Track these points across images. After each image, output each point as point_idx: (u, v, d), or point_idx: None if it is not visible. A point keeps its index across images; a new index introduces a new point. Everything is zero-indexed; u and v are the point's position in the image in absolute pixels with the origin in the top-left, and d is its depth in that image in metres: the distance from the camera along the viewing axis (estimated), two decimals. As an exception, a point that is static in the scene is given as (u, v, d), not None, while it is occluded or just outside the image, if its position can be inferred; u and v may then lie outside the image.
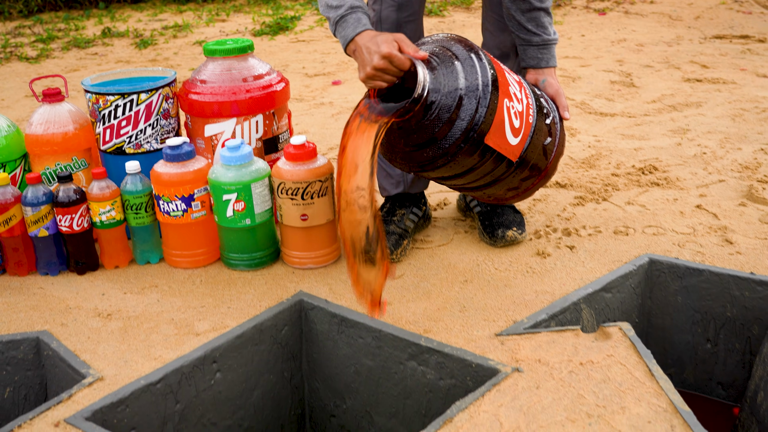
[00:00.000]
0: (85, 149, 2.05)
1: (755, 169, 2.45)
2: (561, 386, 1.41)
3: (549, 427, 1.31)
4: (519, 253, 1.96)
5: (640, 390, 1.39)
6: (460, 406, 1.37)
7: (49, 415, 1.41)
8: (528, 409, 1.36)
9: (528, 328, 1.62)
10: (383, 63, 1.54)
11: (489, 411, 1.36)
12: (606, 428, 1.30)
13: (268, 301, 1.78)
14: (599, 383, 1.41)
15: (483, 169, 1.62)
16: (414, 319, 1.68)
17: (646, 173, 2.44)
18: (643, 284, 1.87)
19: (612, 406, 1.35)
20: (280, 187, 1.86)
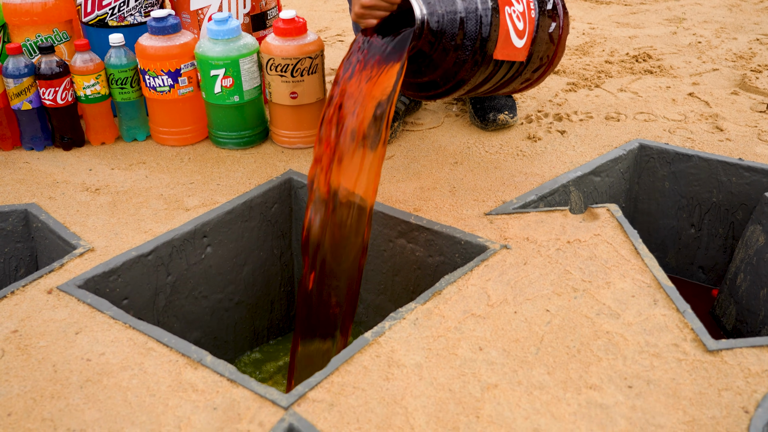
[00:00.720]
0: (66, 21, 1.99)
1: (749, 58, 2.43)
2: (548, 263, 1.44)
3: (535, 299, 1.34)
4: (510, 137, 1.95)
5: (625, 267, 1.42)
6: (449, 280, 1.39)
7: (42, 283, 1.42)
8: (515, 283, 1.38)
9: (517, 208, 1.64)
10: (371, 0, 1.46)
11: (477, 284, 1.39)
12: (590, 301, 1.33)
13: (257, 179, 1.78)
14: (585, 260, 1.44)
15: (494, 78, 1.60)
16: (404, 198, 1.69)
17: (639, 61, 2.41)
18: (631, 169, 1.88)
19: (597, 281, 1.38)
20: (270, 63, 1.82)
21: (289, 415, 1.11)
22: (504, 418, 1.11)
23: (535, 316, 1.30)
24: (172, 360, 1.22)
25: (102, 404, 1.15)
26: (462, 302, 1.34)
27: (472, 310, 1.32)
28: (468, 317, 1.30)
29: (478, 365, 1.20)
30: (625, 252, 1.46)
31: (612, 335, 1.26)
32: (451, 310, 1.32)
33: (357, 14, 1.51)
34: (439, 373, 1.19)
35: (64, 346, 1.26)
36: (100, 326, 1.31)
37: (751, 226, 1.68)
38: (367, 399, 1.14)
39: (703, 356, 1.21)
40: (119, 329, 1.30)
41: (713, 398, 1.14)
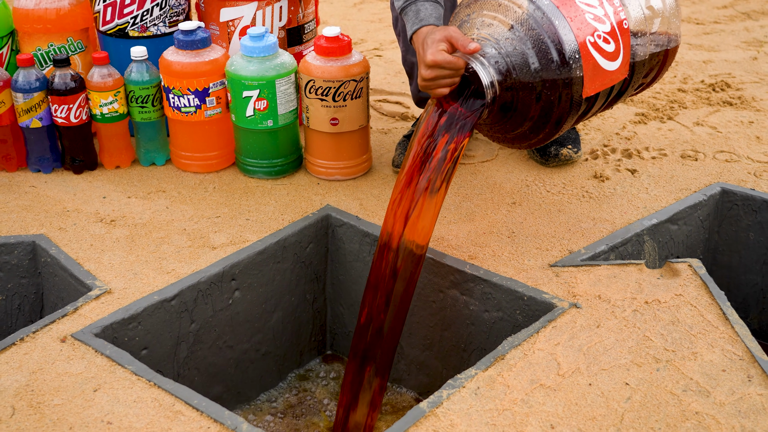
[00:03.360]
0: (82, 29, 2.00)
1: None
2: (624, 326, 1.42)
3: (612, 370, 1.32)
4: (573, 175, 1.94)
5: (713, 335, 1.40)
6: (513, 342, 1.38)
7: (54, 329, 1.42)
8: (588, 349, 1.37)
9: (585, 259, 1.62)
10: (431, 72, 1.45)
11: (545, 349, 1.37)
12: (676, 374, 1.31)
13: (290, 214, 1.77)
14: (667, 325, 1.42)
15: (595, 107, 1.58)
16: (457, 243, 1.68)
17: (717, 90, 2.40)
18: (711, 217, 1.86)
19: (682, 350, 1.36)
20: (309, 86, 1.83)
21: (338, 498, 1.10)
22: None
23: (613, 390, 1.29)
24: (203, 427, 1.22)
25: (126, 476, 1.14)
26: (529, 370, 1.32)
27: (540, 380, 1.30)
28: (536, 388, 1.29)
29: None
30: (712, 317, 1.44)
31: (702, 416, 1.24)
32: (517, 378, 1.31)
33: (422, 87, 1.50)
34: (506, 454, 1.18)
35: (81, 405, 1.26)
36: (121, 383, 1.30)
37: None
38: (426, 482, 1.13)
39: (807, 445, 1.19)
40: (142, 387, 1.29)
41: (820, 496, 1.12)
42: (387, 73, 2.56)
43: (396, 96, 2.38)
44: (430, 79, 1.46)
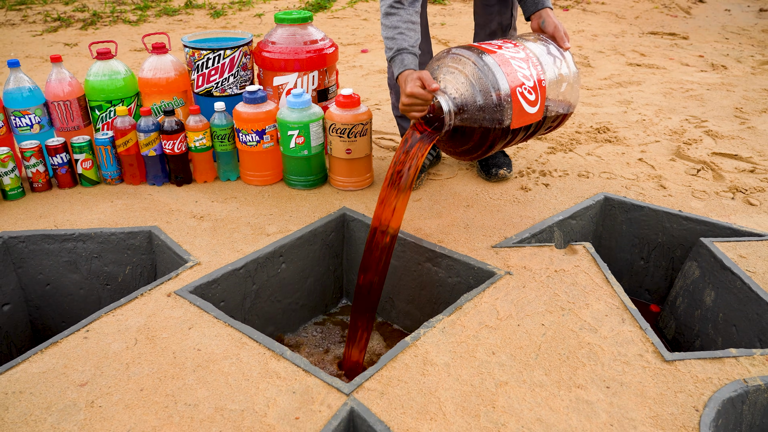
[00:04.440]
0: (183, 91, 1.97)
1: (681, 133, 2.39)
2: (541, 287, 1.40)
3: (533, 315, 1.30)
4: (507, 187, 1.92)
5: (599, 292, 1.38)
6: (468, 297, 1.35)
7: (163, 288, 1.39)
8: (517, 302, 1.35)
9: (515, 243, 1.60)
10: (409, 100, 1.43)
11: (489, 302, 1.35)
12: (575, 318, 1.29)
13: (319, 213, 1.75)
14: (569, 286, 1.40)
15: (518, 137, 1.55)
16: (430, 232, 1.66)
17: (601, 132, 2.38)
18: (598, 215, 1.84)
19: (579, 302, 1.34)
20: (331, 127, 1.80)
21: (351, 400, 1.08)
22: (514, 409, 1.07)
23: (534, 328, 1.26)
24: (261, 352, 1.19)
25: (210, 385, 1.11)
26: (477, 316, 1.30)
27: (485, 322, 1.28)
28: (483, 328, 1.27)
29: (492, 366, 1.16)
30: (599, 280, 1.42)
31: (592, 346, 1.21)
32: (470, 321, 1.28)
33: (402, 111, 1.48)
34: (462, 371, 1.15)
35: (180, 338, 1.23)
36: (207, 323, 1.27)
37: (688, 262, 1.64)
38: (409, 390, 1.11)
39: (662, 365, 1.17)
40: (221, 326, 1.27)
41: (671, 398, 1.09)
42: (384, 120, 2.53)
43: (390, 135, 2.35)
44: (408, 105, 1.45)
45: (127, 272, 1.66)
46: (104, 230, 1.62)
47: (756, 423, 1.14)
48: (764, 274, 1.45)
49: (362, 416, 1.04)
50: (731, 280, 1.46)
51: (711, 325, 1.50)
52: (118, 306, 1.32)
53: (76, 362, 1.16)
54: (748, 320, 1.39)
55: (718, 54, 3.79)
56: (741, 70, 3.40)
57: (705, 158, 2.14)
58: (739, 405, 1.11)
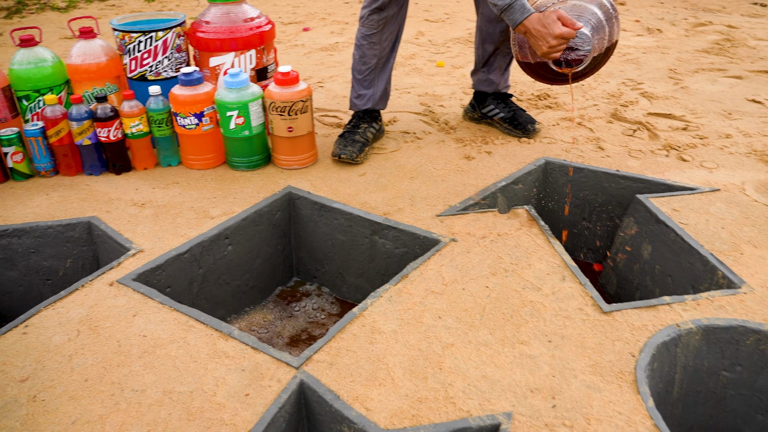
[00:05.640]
0: (115, 76, 1.91)
1: (619, 96, 2.46)
2: (485, 250, 1.43)
3: (478, 278, 1.34)
4: (451, 157, 1.94)
5: (541, 252, 1.42)
6: (414, 266, 1.38)
7: (105, 278, 1.37)
8: (462, 267, 1.38)
9: (460, 210, 1.63)
10: (556, 41, 1.52)
11: (434, 269, 1.37)
12: (518, 279, 1.33)
13: (264, 193, 1.74)
14: (512, 248, 1.44)
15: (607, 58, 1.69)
16: (375, 205, 1.67)
17: (541, 99, 2.42)
18: (540, 179, 1.88)
19: (522, 263, 1.38)
20: (271, 106, 1.78)
21: (300, 373, 1.09)
22: (460, 369, 1.10)
23: (478, 291, 1.30)
24: (208, 334, 1.19)
25: (157, 369, 1.11)
26: (423, 283, 1.33)
27: (431, 288, 1.31)
28: (429, 294, 1.29)
29: (439, 330, 1.19)
30: (540, 241, 1.46)
31: (535, 303, 1.26)
32: (416, 289, 1.31)
33: (544, 53, 1.55)
34: (410, 336, 1.18)
35: (125, 325, 1.22)
36: (152, 310, 1.26)
37: (626, 218, 1.70)
38: (358, 359, 1.12)
39: (600, 316, 1.22)
40: (167, 311, 1.26)
41: (609, 347, 1.15)
42: (327, 97, 2.52)
43: (333, 112, 2.35)
44: (554, 46, 1.52)
45: (68, 265, 1.62)
46: (40, 224, 1.58)
47: (689, 364, 1.21)
48: (696, 225, 1.52)
49: (312, 387, 1.05)
50: (666, 233, 1.52)
51: (649, 277, 1.57)
52: (58, 299, 1.29)
53: (15, 358, 1.13)
54: (681, 269, 1.46)
55: (653, 18, 3.89)
56: (675, 33, 3.50)
57: (641, 119, 2.22)
58: (672, 348, 1.18)
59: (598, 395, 1.04)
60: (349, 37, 3.52)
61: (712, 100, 2.44)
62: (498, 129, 2.14)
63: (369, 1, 1.88)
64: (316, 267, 1.77)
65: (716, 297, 1.26)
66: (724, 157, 1.91)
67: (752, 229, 1.51)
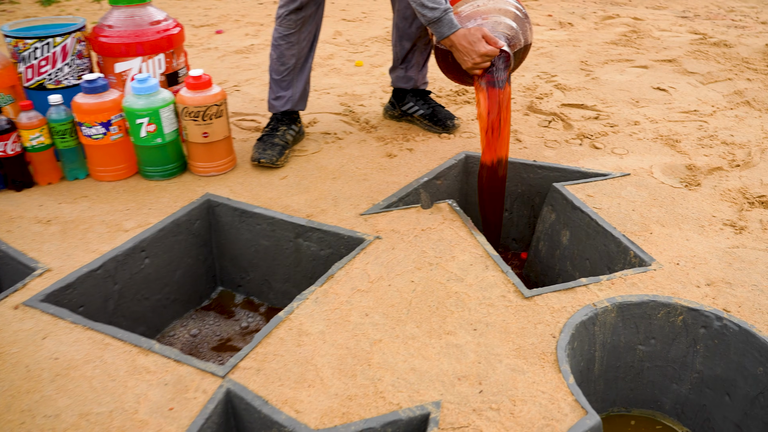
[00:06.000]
0: (10, 86, 1.83)
1: (534, 89, 2.58)
2: (410, 246, 1.48)
3: (403, 274, 1.38)
4: (373, 155, 1.98)
5: (464, 244, 1.48)
6: (339, 266, 1.40)
7: (8, 301, 1.31)
8: (387, 263, 1.41)
9: (383, 208, 1.67)
10: (482, 59, 1.62)
11: (359, 267, 1.40)
12: (442, 271, 1.38)
13: (181, 202, 1.71)
14: (436, 242, 1.49)
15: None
16: (298, 207, 1.68)
17: (460, 94, 2.51)
18: (462, 173, 1.95)
19: (446, 256, 1.44)
20: (184, 111, 1.76)
21: (226, 382, 1.09)
22: (389, 363, 1.13)
23: (404, 286, 1.34)
24: (127, 350, 1.17)
25: (71, 392, 1.08)
26: (349, 282, 1.35)
27: (357, 287, 1.34)
28: (355, 292, 1.32)
29: (366, 327, 1.22)
30: (463, 234, 1.52)
31: (459, 294, 1.31)
32: (342, 288, 1.33)
33: (469, 68, 1.65)
34: (337, 336, 1.20)
35: (33, 350, 1.17)
36: (63, 330, 1.22)
37: (545, 207, 1.80)
38: (285, 362, 1.14)
39: (522, 302, 1.29)
40: (80, 331, 1.22)
41: (531, 330, 1.21)
42: (244, 101, 2.50)
43: (251, 116, 2.34)
44: (479, 63, 1.62)
45: (-34, 291, 1.54)
46: (-69, 248, 1.49)
47: (607, 341, 1.30)
48: (609, 209, 1.62)
49: (239, 395, 1.06)
50: (581, 218, 1.62)
51: (569, 262, 1.67)
52: (-44, 327, 1.23)
53: None
54: (597, 252, 1.56)
55: (564, 12, 4.10)
56: (585, 26, 3.71)
57: (555, 110, 2.34)
58: (590, 327, 1.26)
59: (522, 377, 1.10)
60: (265, 39, 3.51)
61: (621, 89, 2.60)
62: (418, 126, 2.20)
63: (286, 1, 1.89)
64: (241, 275, 1.77)
65: (629, 275, 1.36)
66: (633, 143, 2.05)
67: (660, 209, 1.63)
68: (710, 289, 1.33)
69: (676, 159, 1.93)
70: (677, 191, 1.73)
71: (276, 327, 1.21)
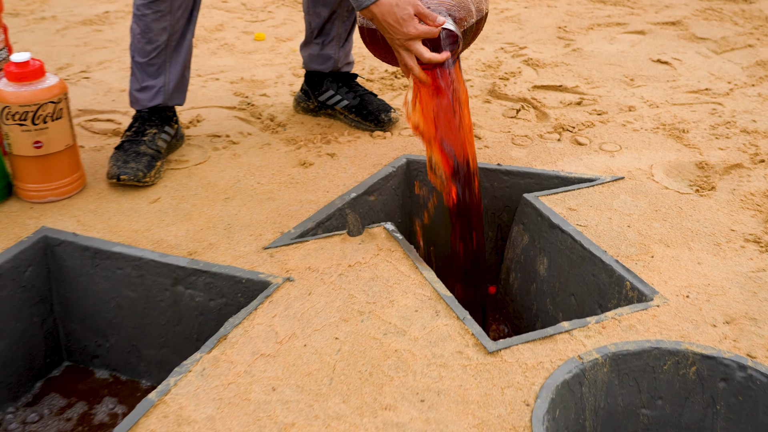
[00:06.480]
0: None
1: (497, 67, 2.66)
2: (332, 290, 1.49)
3: (323, 329, 1.38)
4: (280, 165, 1.99)
5: (406, 283, 1.50)
6: (234, 322, 1.39)
7: None
8: (302, 316, 1.42)
9: (295, 238, 1.68)
10: (413, 45, 1.63)
11: (263, 323, 1.40)
12: (377, 322, 1.40)
13: (4, 241, 1.67)
14: (368, 282, 1.51)
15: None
16: (176, 242, 1.67)
17: (399, 77, 2.55)
18: (403, 185, 1.99)
19: (382, 301, 1.45)
20: (6, 112, 1.72)
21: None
22: (305, 456, 1.13)
23: (325, 345, 1.35)
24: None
25: None
26: (250, 344, 1.35)
27: (261, 350, 1.33)
28: (258, 358, 1.32)
29: (273, 406, 1.22)
30: (405, 268, 1.54)
31: (401, 353, 1.33)
32: (239, 353, 1.33)
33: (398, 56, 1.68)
34: (233, 422, 1.19)
35: None
36: None
37: (515, 226, 1.85)
38: (160, 464, 1.12)
39: (485, 359, 1.32)
40: None
41: (498, 397, 1.24)
42: (96, 93, 2.46)
43: (107, 114, 2.31)
44: (410, 48, 1.64)
45: None
46: None
47: (600, 406, 1.34)
48: (597, 226, 1.69)
49: None
50: (562, 240, 1.68)
51: (549, 300, 1.72)
52: None
53: None
54: (585, 284, 1.61)
55: (535, -38, 4.25)
56: (562, -20, 3.86)
57: (525, 94, 2.42)
58: (576, 388, 1.30)
59: (489, 463, 1.12)
60: (126, 3, 3.47)
61: (611, 63, 2.72)
62: (342, 122, 2.23)
63: None
64: (97, 341, 1.73)
65: (624, 315, 1.41)
66: (627, 136, 2.14)
67: (663, 224, 1.71)
68: (730, 329, 1.40)
69: (683, 155, 2.03)
70: (685, 198, 1.82)
71: (145, 415, 1.20)
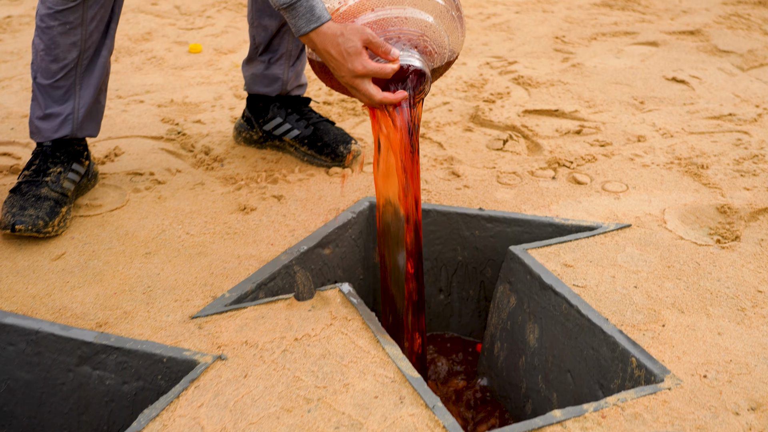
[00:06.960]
0: None
1: (481, 87, 2.67)
2: (273, 370, 1.46)
3: (261, 422, 1.35)
4: (216, 210, 1.97)
5: (365, 360, 1.48)
6: (150, 415, 1.36)
7: None
8: (235, 405, 1.39)
9: (231, 303, 1.65)
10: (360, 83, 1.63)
11: (187, 414, 1.37)
12: (328, 412, 1.37)
13: None
14: (318, 360, 1.48)
15: None
16: (83, 310, 1.64)
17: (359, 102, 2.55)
18: (365, 234, 1.97)
19: (334, 384, 1.43)
20: None
21: None
22: None
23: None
24: None
25: None
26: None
27: (182, 451, 1.30)
28: (178, 461, 1.29)
29: None
30: (364, 342, 1.52)
31: (356, 452, 1.30)
32: (156, 454, 1.30)
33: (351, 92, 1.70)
34: None
35: None
36: None
37: (500, 285, 1.83)
38: None
39: (461, 458, 1.29)
40: None
41: (477, 508, 1.21)
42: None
43: (3, 146, 2.28)
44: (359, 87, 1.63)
45: None
46: None
47: None
48: (597, 286, 1.68)
49: None
50: (555, 304, 1.66)
51: (541, 377, 1.70)
52: None
53: None
54: (583, 359, 1.60)
55: (529, -44, 4.30)
56: (561, -21, 3.90)
57: (514, 121, 2.42)
58: (571, 493, 1.28)
59: None
60: (32, 6, 3.45)
61: (617, 82, 2.73)
62: (293, 155, 2.22)
63: None
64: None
65: (629, 400, 1.39)
66: (635, 173, 2.14)
67: (677, 284, 1.70)
68: (756, 417, 1.38)
69: (701, 197, 2.03)
70: (704, 251, 1.81)
71: None
